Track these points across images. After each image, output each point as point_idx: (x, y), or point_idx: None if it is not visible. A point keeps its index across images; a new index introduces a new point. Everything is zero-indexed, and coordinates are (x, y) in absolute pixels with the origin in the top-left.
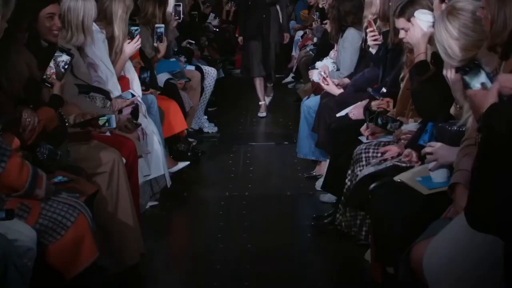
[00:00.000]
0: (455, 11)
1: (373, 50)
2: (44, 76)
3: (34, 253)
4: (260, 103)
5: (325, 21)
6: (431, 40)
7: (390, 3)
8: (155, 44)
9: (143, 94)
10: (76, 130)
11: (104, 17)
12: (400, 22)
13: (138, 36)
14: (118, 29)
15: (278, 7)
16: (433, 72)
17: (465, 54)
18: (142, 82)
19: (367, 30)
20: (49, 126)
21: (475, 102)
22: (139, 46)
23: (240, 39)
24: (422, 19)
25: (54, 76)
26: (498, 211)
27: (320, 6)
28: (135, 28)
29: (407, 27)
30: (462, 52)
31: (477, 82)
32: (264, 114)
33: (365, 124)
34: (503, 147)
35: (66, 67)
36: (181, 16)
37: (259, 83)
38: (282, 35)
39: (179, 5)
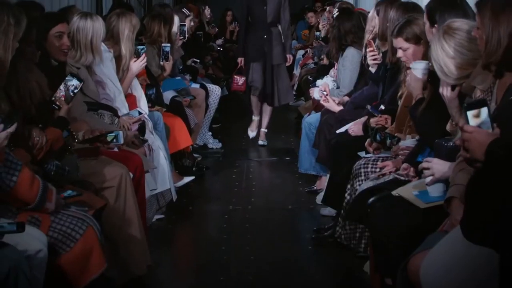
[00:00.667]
0: (451, 31)
1: (372, 69)
2: (53, 98)
3: (45, 256)
4: (253, 117)
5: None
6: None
7: (388, 24)
8: (161, 63)
9: (149, 111)
10: (85, 146)
11: (111, 37)
12: (398, 42)
13: (144, 55)
14: (125, 48)
15: (279, 27)
16: (431, 96)
17: (460, 72)
18: (148, 98)
19: (367, 50)
20: (55, 146)
21: (471, 139)
22: (145, 64)
23: (240, 60)
24: (418, 68)
25: (62, 99)
26: (493, 224)
27: (320, 27)
28: (141, 47)
29: (405, 47)
30: (457, 70)
31: (478, 120)
32: (263, 142)
33: (368, 139)
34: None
35: (75, 91)
36: (186, 35)
37: (255, 102)
38: (285, 56)
39: (184, 25)
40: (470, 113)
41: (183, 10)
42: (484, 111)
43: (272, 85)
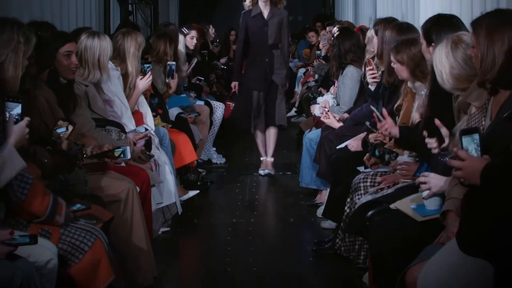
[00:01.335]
0: (459, 43)
1: (371, 87)
2: (53, 135)
3: (55, 266)
4: (261, 158)
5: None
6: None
7: (383, 45)
8: (167, 80)
9: (154, 119)
10: (93, 161)
11: (118, 55)
12: (396, 58)
13: (150, 72)
14: (131, 65)
15: (283, 43)
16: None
17: (457, 84)
18: (152, 108)
19: (367, 69)
20: (58, 171)
21: (465, 166)
22: (151, 82)
23: (234, 84)
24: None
25: (63, 135)
26: (488, 237)
27: (321, 46)
28: (147, 65)
29: (393, 62)
30: (455, 81)
31: (468, 146)
32: (265, 171)
33: (367, 155)
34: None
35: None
36: (174, 75)
37: (260, 138)
38: (286, 77)
39: (173, 64)
40: (464, 139)
41: (182, 29)
42: (476, 137)
43: (274, 107)
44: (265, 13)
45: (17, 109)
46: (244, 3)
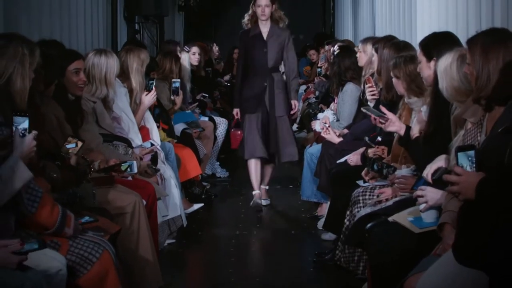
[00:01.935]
0: (465, 58)
1: (371, 104)
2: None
3: (64, 276)
4: (253, 192)
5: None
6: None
7: (382, 63)
8: (172, 98)
9: (161, 141)
10: (100, 175)
11: (122, 72)
12: (393, 73)
13: (154, 89)
14: (135, 81)
15: (281, 72)
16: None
17: (455, 95)
18: (155, 118)
19: (366, 86)
20: (67, 185)
21: (461, 181)
22: (155, 97)
23: (236, 111)
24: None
25: (72, 151)
26: (483, 249)
27: (319, 65)
28: (151, 81)
29: (399, 76)
30: (452, 91)
31: (464, 162)
32: (265, 202)
33: (365, 169)
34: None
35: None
36: (179, 92)
37: (254, 166)
38: (289, 104)
39: (178, 81)
40: (460, 155)
41: (184, 47)
42: (472, 154)
43: (274, 141)
44: (265, 32)
45: (24, 124)
46: (242, 21)
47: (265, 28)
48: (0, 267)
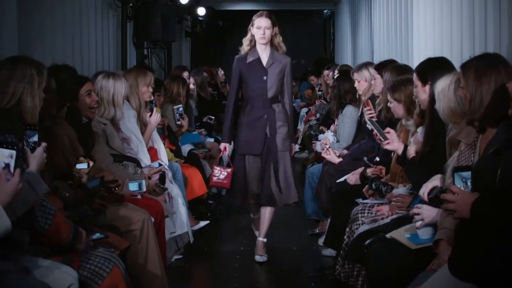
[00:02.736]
0: None
1: (369, 127)
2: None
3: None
4: (258, 239)
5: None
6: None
7: (384, 85)
8: (178, 123)
9: (169, 161)
10: (111, 194)
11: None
12: (393, 96)
13: (155, 109)
14: (134, 101)
15: (284, 99)
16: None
17: (451, 116)
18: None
19: (365, 109)
20: (78, 204)
21: (457, 200)
22: (160, 117)
23: (224, 146)
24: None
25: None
26: (478, 264)
27: (317, 89)
28: (152, 104)
29: (391, 101)
30: (449, 112)
31: (460, 182)
32: (261, 258)
33: (366, 186)
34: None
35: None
36: (182, 118)
37: (254, 203)
38: (291, 139)
39: (180, 107)
40: (456, 175)
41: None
42: (468, 175)
43: (274, 181)
44: (264, 58)
45: (34, 137)
46: (241, 48)
47: (264, 54)
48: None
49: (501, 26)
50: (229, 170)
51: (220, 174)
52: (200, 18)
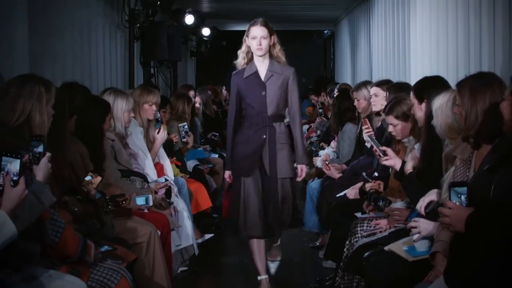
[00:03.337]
0: None
1: (368, 144)
2: (83, 185)
3: None
4: (259, 278)
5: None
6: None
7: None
8: (183, 140)
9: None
10: (119, 208)
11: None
12: (389, 119)
13: (162, 126)
14: (140, 118)
15: (290, 116)
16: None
17: (447, 131)
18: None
19: (363, 127)
20: (87, 218)
21: (452, 215)
22: (166, 134)
23: (227, 174)
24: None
25: (92, 185)
26: (472, 276)
27: (318, 107)
28: (158, 122)
29: (395, 123)
30: (447, 128)
31: (456, 197)
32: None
33: (366, 202)
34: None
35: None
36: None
37: (256, 247)
38: (295, 168)
39: (185, 125)
40: (453, 190)
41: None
42: (464, 190)
43: (275, 210)
44: (262, 71)
45: (39, 148)
46: (235, 62)
47: (262, 66)
48: None
49: (495, 46)
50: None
51: None
52: (205, 38)
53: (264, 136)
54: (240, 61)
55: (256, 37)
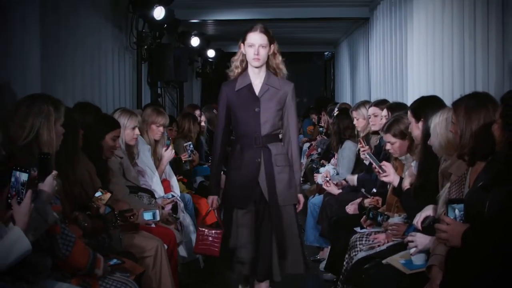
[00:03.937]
0: None
1: (366, 162)
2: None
3: None
4: None
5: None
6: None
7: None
8: (189, 158)
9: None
10: (127, 223)
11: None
12: (387, 137)
13: (171, 145)
14: (148, 136)
15: (287, 137)
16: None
17: (444, 147)
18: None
19: (359, 146)
20: (97, 233)
21: (449, 230)
22: (174, 152)
23: (212, 199)
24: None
25: (102, 201)
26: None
27: (319, 126)
28: (168, 139)
29: (393, 141)
30: (441, 144)
31: (453, 213)
32: None
33: (364, 217)
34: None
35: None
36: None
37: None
38: (296, 189)
39: (190, 144)
40: (450, 207)
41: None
42: (461, 206)
43: (275, 245)
44: (257, 85)
45: (46, 165)
46: (228, 71)
47: (257, 79)
48: None
49: (489, 67)
50: (218, 232)
51: (209, 236)
52: (210, 60)
53: (259, 159)
54: (233, 70)
55: (254, 45)
